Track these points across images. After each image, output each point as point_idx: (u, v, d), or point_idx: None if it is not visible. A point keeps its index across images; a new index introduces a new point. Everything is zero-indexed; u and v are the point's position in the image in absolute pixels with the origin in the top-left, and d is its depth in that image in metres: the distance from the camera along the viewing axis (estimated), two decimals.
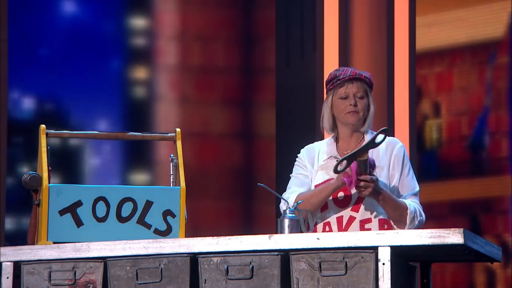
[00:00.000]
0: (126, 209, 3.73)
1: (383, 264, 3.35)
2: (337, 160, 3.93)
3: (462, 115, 6.70)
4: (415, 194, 4.08)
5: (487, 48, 6.67)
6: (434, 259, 3.66)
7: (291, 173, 4.13)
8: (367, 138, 4.05)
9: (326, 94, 4.11)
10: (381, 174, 4.01)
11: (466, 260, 3.70)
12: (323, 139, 4.18)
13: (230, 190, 6.64)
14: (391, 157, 4.06)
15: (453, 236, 3.35)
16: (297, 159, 4.15)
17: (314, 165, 4.08)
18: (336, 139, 4.09)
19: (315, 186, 4.06)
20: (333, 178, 3.99)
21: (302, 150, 4.16)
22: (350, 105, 4.02)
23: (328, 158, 4.04)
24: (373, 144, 3.91)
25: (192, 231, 3.85)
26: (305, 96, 6.74)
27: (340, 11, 6.70)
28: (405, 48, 6.66)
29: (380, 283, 3.35)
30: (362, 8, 6.74)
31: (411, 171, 4.09)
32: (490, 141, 6.64)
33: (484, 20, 6.68)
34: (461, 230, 3.36)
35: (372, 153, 3.99)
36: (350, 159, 3.88)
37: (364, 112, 4.05)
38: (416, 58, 6.67)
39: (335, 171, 3.89)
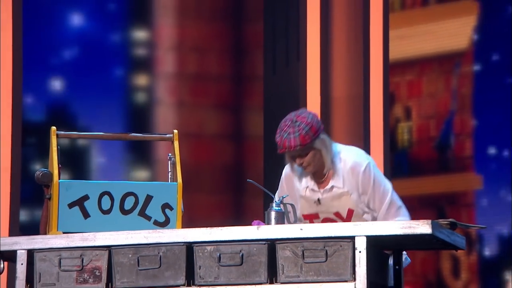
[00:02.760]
0: (129, 203, 3.73)
1: (360, 252, 3.35)
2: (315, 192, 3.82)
3: (430, 119, 6.71)
4: (397, 208, 3.96)
5: (453, 59, 6.68)
6: (405, 247, 3.66)
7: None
8: (336, 165, 3.91)
9: None
10: (349, 198, 3.94)
11: (433, 248, 3.71)
12: None
13: (222, 186, 6.64)
14: (358, 183, 3.91)
15: (422, 227, 3.36)
16: (280, 182, 4.01)
17: (295, 193, 3.97)
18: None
19: (303, 215, 3.97)
20: (316, 214, 3.92)
21: (282, 176, 4.00)
22: (299, 165, 3.89)
23: (306, 188, 3.92)
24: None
25: (188, 222, 3.85)
26: (290, 101, 6.74)
27: (321, 24, 6.71)
28: (379, 58, 6.67)
29: (357, 269, 3.35)
30: (341, 22, 6.74)
31: (382, 187, 3.92)
32: (455, 141, 6.64)
33: (450, 34, 6.69)
34: (429, 221, 3.36)
35: (336, 177, 3.88)
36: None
37: (315, 161, 3.87)
38: (389, 67, 6.68)
39: None
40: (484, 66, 6.61)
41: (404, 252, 3.80)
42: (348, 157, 3.96)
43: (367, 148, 6.59)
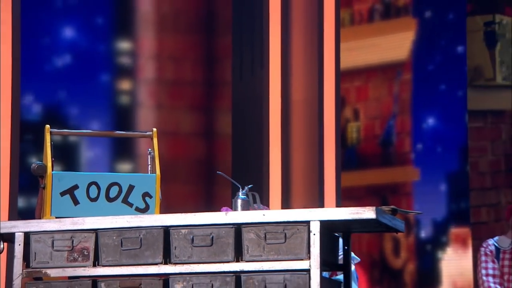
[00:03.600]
0: (113, 191, 3.70)
1: (314, 234, 3.35)
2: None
3: (375, 119, 6.73)
4: None
5: (395, 68, 6.71)
6: (353, 230, 3.67)
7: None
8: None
9: None
10: None
11: (377, 231, 3.71)
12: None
13: (195, 177, 6.62)
14: None
15: (368, 213, 3.36)
16: None
17: None
18: None
19: None
20: None
21: None
22: None
23: None
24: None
25: (165, 209, 3.83)
26: (255, 104, 6.74)
27: (282, 37, 6.71)
28: (331, 67, 6.69)
29: (311, 249, 3.35)
30: (299, 35, 6.75)
31: None
32: (396, 139, 6.67)
33: (392, 46, 6.72)
34: (374, 208, 3.37)
35: None
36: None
37: None
38: (340, 75, 6.70)
39: None
40: (421, 74, 6.65)
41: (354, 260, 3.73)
42: None
43: (321, 145, 6.61)
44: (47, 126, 3.79)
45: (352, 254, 3.77)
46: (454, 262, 6.43)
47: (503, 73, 6.61)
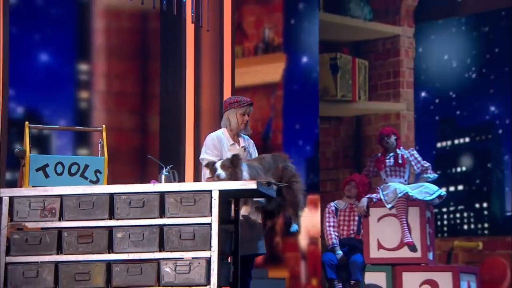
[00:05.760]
0: (74, 169, 3.65)
1: (214, 199, 3.39)
2: (243, 148, 3.78)
3: (258, 121, 6.86)
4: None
5: (271, 87, 6.87)
6: (242, 196, 3.72)
7: (201, 156, 3.83)
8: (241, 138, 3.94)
9: (231, 107, 3.96)
10: (250, 154, 3.92)
11: (258, 196, 3.77)
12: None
13: (132, 160, 6.56)
14: (253, 148, 3.97)
15: (251, 185, 3.43)
16: (207, 149, 3.83)
17: (224, 149, 3.87)
18: (231, 132, 3.90)
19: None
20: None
21: (210, 142, 3.85)
22: (247, 120, 3.87)
23: (231, 144, 3.88)
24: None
25: (111, 181, 3.79)
26: (176, 110, 6.73)
27: (195, 64, 6.75)
28: (229, 85, 6.76)
29: (212, 209, 3.39)
30: (207, 62, 6.79)
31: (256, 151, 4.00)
32: (272, 135, 6.82)
33: (269, 72, 6.89)
34: (255, 181, 3.43)
35: (242, 141, 3.94)
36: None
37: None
38: (235, 91, 6.78)
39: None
40: (289, 92, 6.84)
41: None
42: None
43: None
44: (27, 122, 3.72)
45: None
46: (309, 218, 6.64)
47: (342, 92, 6.97)
